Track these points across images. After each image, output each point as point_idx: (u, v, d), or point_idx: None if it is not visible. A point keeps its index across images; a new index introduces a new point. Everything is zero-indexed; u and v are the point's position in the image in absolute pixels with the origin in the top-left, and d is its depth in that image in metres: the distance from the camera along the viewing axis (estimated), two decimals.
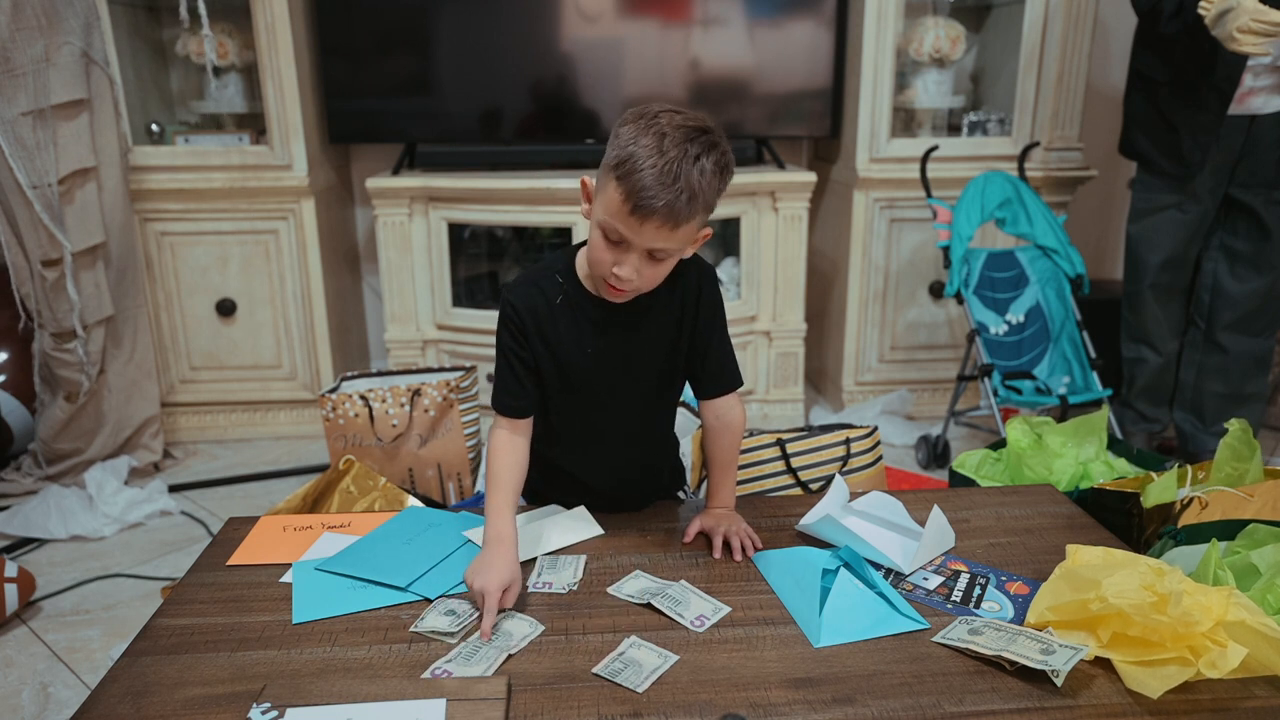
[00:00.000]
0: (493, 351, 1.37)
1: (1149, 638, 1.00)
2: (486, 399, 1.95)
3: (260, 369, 2.98)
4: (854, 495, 1.44)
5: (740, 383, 1.39)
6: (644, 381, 1.35)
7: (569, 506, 1.43)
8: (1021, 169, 2.75)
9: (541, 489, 1.46)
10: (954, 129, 3.06)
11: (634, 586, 1.21)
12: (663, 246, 1.16)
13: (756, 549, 1.30)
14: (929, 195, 2.66)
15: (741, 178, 2.88)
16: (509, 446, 1.31)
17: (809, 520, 1.34)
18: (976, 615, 1.14)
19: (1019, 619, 1.12)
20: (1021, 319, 2.66)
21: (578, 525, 1.38)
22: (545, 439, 1.38)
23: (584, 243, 1.27)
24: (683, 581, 1.22)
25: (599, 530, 1.37)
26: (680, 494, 1.57)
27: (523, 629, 1.12)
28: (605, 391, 1.33)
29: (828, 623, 1.11)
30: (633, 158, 1.12)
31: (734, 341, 1.40)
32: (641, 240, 1.15)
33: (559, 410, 1.36)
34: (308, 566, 1.27)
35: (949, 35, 2.89)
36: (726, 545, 1.30)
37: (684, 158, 1.11)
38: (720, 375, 1.37)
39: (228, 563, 1.30)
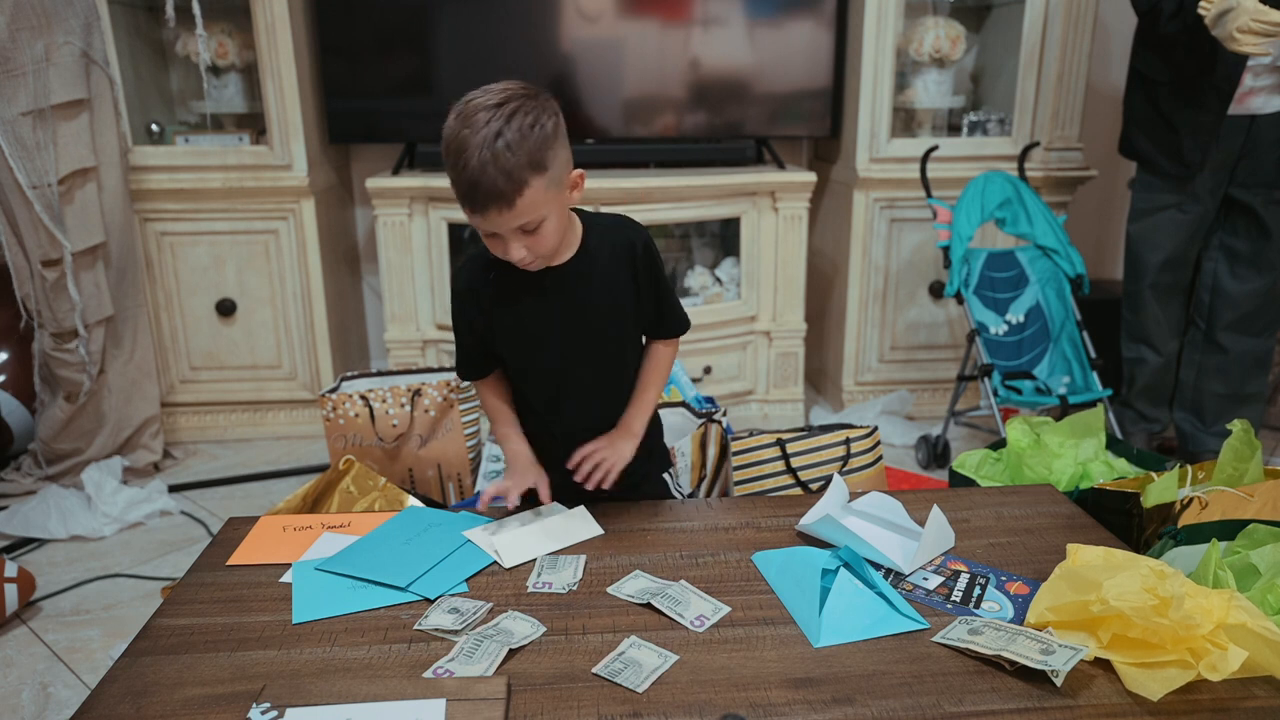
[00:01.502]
0: None
1: (1149, 640, 1.00)
2: None
3: (260, 369, 2.98)
4: (854, 495, 1.44)
5: (684, 329, 1.43)
6: (594, 345, 1.37)
7: (558, 497, 1.43)
8: (1021, 169, 2.75)
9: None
10: (954, 129, 3.06)
11: (634, 586, 1.21)
12: (523, 220, 1.16)
13: (604, 487, 1.35)
14: (929, 195, 2.66)
15: (741, 178, 2.88)
16: (491, 390, 1.44)
17: (809, 520, 1.34)
18: (976, 615, 1.14)
19: (1019, 619, 1.12)
20: (1021, 319, 2.66)
21: (578, 525, 1.38)
22: (516, 413, 1.43)
23: None
24: (683, 581, 1.22)
25: (599, 530, 1.37)
26: (665, 476, 1.57)
27: (523, 629, 1.12)
28: (557, 356, 1.36)
29: (827, 623, 1.11)
30: (450, 162, 1.14)
31: (734, 341, 1.41)
32: (498, 227, 1.17)
33: (521, 381, 1.40)
34: (308, 566, 1.28)
35: (949, 35, 2.89)
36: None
37: (484, 143, 1.10)
38: (661, 321, 1.41)
39: (228, 563, 1.30)
